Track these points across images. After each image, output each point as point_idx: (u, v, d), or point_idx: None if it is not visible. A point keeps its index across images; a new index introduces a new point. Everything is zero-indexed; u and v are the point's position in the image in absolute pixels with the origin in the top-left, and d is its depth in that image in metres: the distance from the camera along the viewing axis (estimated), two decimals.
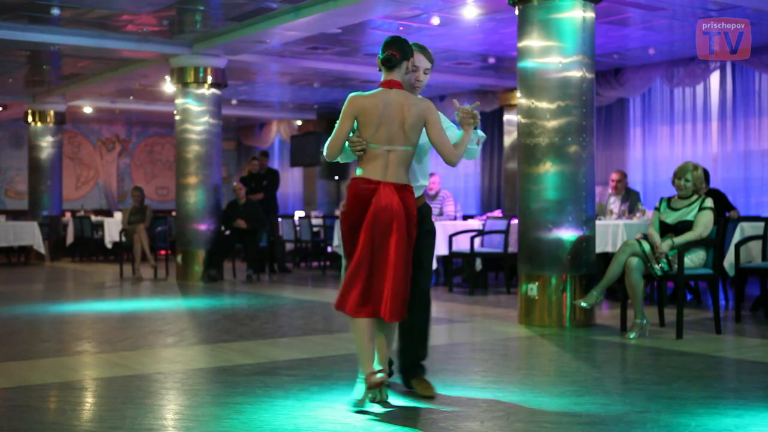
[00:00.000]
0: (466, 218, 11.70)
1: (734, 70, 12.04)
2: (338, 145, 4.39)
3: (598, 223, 8.34)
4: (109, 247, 15.51)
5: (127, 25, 10.81)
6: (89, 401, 4.67)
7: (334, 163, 17.63)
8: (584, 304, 6.82)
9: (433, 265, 4.82)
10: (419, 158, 4.61)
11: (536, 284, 7.25)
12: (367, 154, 4.32)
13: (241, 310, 8.69)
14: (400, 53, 4.39)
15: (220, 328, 7.42)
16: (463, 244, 10.03)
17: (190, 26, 10.90)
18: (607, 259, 8.04)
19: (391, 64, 4.38)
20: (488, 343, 6.59)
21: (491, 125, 15.43)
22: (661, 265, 6.59)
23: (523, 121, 7.42)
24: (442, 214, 10.91)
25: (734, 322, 7.49)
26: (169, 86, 13.59)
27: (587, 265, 7.29)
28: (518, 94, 7.53)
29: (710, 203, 6.72)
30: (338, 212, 13.32)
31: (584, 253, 7.27)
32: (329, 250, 13.51)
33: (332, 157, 4.47)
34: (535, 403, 4.46)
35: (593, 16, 7.37)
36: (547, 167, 7.22)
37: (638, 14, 9.96)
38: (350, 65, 13.18)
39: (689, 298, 9.09)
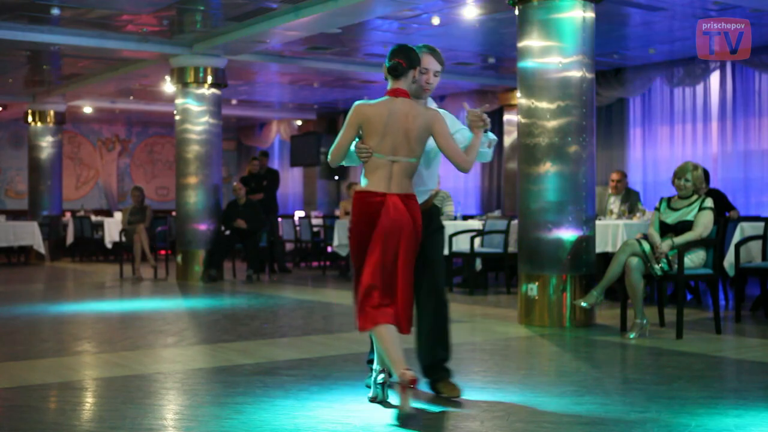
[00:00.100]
0: (466, 218, 11.69)
1: (734, 70, 12.03)
2: (341, 153, 4.37)
3: (598, 223, 8.34)
4: (109, 247, 15.52)
5: (127, 25, 10.81)
6: (89, 401, 4.67)
7: None
8: (584, 304, 6.82)
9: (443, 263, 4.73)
10: (428, 163, 4.56)
11: (536, 284, 7.25)
12: (371, 163, 4.28)
13: (241, 310, 8.69)
14: (406, 62, 4.33)
15: (220, 328, 7.42)
16: (463, 244, 10.04)
17: (190, 26, 10.90)
18: (607, 259, 8.04)
19: (397, 72, 4.32)
20: (488, 343, 6.59)
21: (491, 125, 15.38)
22: (661, 265, 6.59)
23: (523, 121, 7.42)
24: (442, 214, 10.91)
25: (734, 322, 7.49)
26: (169, 86, 13.59)
27: (587, 265, 7.29)
28: (518, 94, 7.53)
29: (710, 203, 6.71)
30: (338, 212, 13.32)
31: (584, 253, 7.27)
32: (329, 250, 13.50)
33: (335, 163, 4.44)
34: (535, 403, 4.46)
35: (593, 16, 7.37)
36: (547, 167, 7.22)
37: (638, 14, 9.96)
38: (350, 65, 13.18)
39: (689, 298, 9.09)
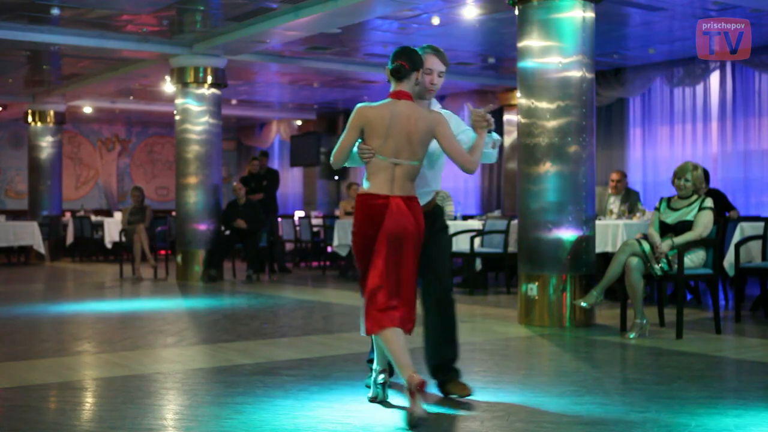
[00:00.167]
0: (465, 218, 11.70)
1: (734, 70, 12.03)
2: (343, 155, 4.33)
3: (597, 223, 8.34)
4: (109, 247, 15.52)
5: (127, 25, 10.81)
6: (89, 401, 4.67)
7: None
8: (584, 304, 6.82)
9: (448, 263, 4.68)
10: (431, 165, 4.52)
11: (536, 284, 7.25)
12: (373, 165, 4.24)
13: (240, 310, 8.69)
14: (409, 64, 4.28)
15: (219, 328, 7.42)
16: (463, 244, 10.04)
17: (190, 26, 10.90)
18: (606, 259, 8.04)
19: (400, 74, 4.28)
20: (488, 343, 6.59)
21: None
22: (661, 265, 6.59)
23: (523, 121, 7.42)
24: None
25: (734, 322, 7.49)
26: (169, 86, 13.59)
27: (587, 265, 7.29)
28: (518, 94, 7.53)
29: (710, 203, 6.71)
30: (338, 212, 13.31)
31: (584, 253, 7.27)
32: (329, 250, 13.50)
33: (337, 165, 4.39)
34: (534, 403, 4.46)
35: (593, 16, 7.37)
36: (547, 167, 7.22)
37: (638, 14, 9.96)
38: (350, 65, 13.19)
39: (689, 298, 9.09)
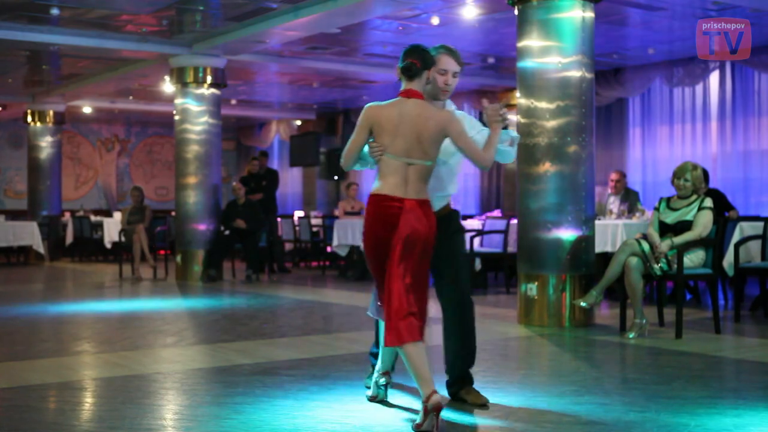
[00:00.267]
0: (465, 218, 11.70)
1: (734, 70, 12.04)
2: (353, 156, 4.22)
3: (597, 223, 8.34)
4: (108, 247, 15.52)
5: (126, 25, 10.82)
6: (88, 401, 4.68)
7: (333, 162, 17.66)
8: (583, 303, 6.82)
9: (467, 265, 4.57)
10: (445, 165, 4.37)
11: (535, 284, 7.26)
12: (385, 165, 4.09)
13: (240, 310, 8.69)
14: (421, 62, 4.16)
15: (219, 328, 7.42)
16: None
17: (189, 26, 10.90)
18: (606, 258, 8.04)
19: (411, 73, 4.15)
20: (488, 343, 6.59)
21: None
22: (660, 264, 6.59)
23: (522, 121, 7.42)
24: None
25: (733, 321, 7.49)
26: (168, 86, 13.59)
27: (586, 264, 7.29)
28: (518, 94, 7.53)
29: (709, 203, 6.72)
30: (337, 212, 13.31)
31: (583, 252, 7.27)
32: (328, 249, 13.50)
33: (348, 166, 4.29)
34: (534, 403, 4.47)
35: (593, 15, 7.37)
36: (546, 167, 7.22)
37: (638, 14, 9.96)
38: (350, 65, 13.18)
39: (688, 297, 9.09)
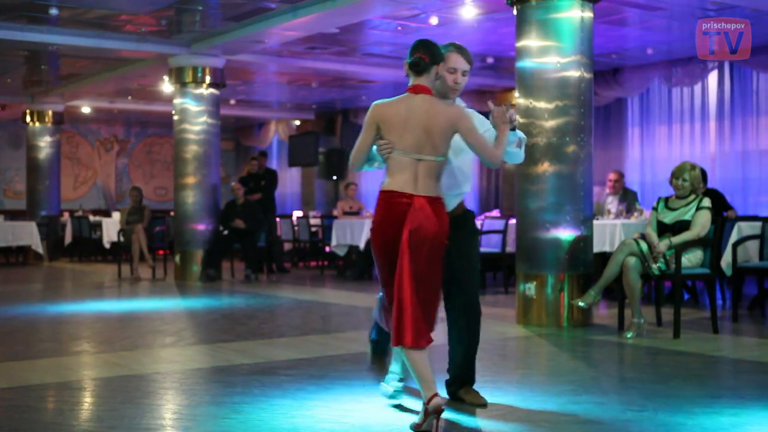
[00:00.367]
0: None
1: (732, 70, 12.04)
2: (361, 156, 4.12)
3: (595, 222, 8.34)
4: (107, 247, 15.52)
5: (125, 25, 10.81)
6: (88, 401, 4.68)
7: (332, 162, 17.66)
8: (582, 303, 6.82)
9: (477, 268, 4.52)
10: (457, 161, 4.27)
11: (534, 284, 7.26)
12: (394, 162, 4.00)
13: (239, 309, 8.69)
14: (429, 57, 4.05)
15: (218, 327, 7.42)
16: None
17: (188, 26, 10.90)
18: (604, 258, 8.04)
19: (419, 68, 4.05)
20: (486, 342, 6.57)
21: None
22: (658, 264, 6.60)
23: (521, 120, 7.42)
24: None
25: (731, 321, 7.49)
26: (167, 86, 13.58)
27: (585, 264, 7.29)
28: (516, 93, 7.53)
29: (708, 203, 6.72)
30: (336, 212, 13.31)
31: (582, 252, 7.28)
32: (327, 249, 13.50)
33: (357, 167, 4.20)
34: (532, 402, 4.47)
35: (591, 15, 7.37)
36: (545, 167, 7.22)
37: (636, 14, 9.96)
38: (348, 65, 13.18)
39: (686, 297, 9.10)
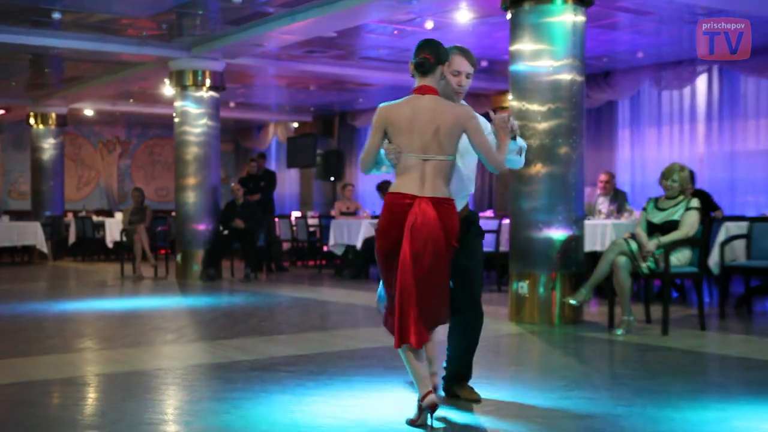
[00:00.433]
0: None
1: (720, 73, 12.07)
2: (369, 159, 4.04)
3: (587, 222, 8.37)
4: (110, 246, 15.50)
5: (127, 29, 10.82)
6: (91, 397, 4.70)
7: (329, 163, 17.63)
8: (573, 301, 6.85)
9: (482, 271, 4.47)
10: (463, 162, 4.22)
11: (527, 282, 7.28)
12: (402, 164, 3.91)
13: (239, 308, 8.70)
14: (434, 57, 3.97)
15: (218, 325, 7.44)
16: None
17: (188, 30, 10.91)
18: (595, 257, 8.06)
19: (424, 68, 3.97)
20: (480, 340, 6.60)
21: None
22: (648, 263, 6.63)
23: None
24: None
25: (718, 318, 7.52)
26: (168, 89, 13.58)
27: (576, 263, 7.32)
28: (510, 96, 7.55)
29: (696, 203, 6.75)
30: (333, 212, 13.31)
31: (573, 252, 7.30)
32: (325, 249, 13.51)
33: (366, 170, 4.11)
34: (525, 398, 4.49)
35: (583, 20, 7.39)
36: (537, 168, 7.24)
37: (627, 18, 9.98)
38: (346, 68, 13.19)
39: (675, 295, 9.12)
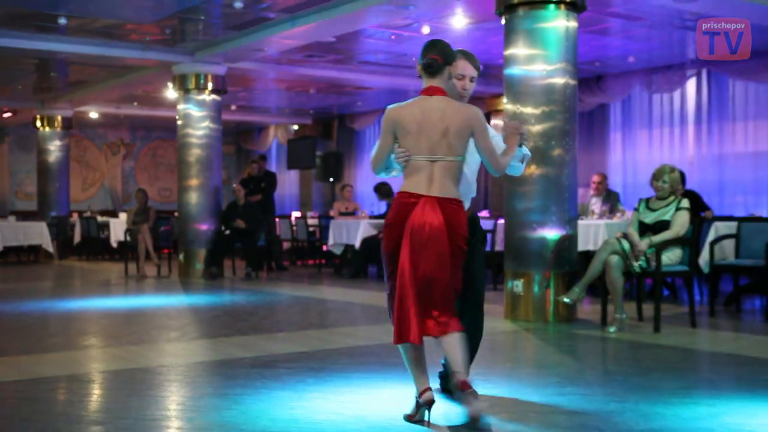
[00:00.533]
0: None
1: (709, 77, 12.08)
2: (379, 161, 3.95)
3: (580, 222, 8.36)
4: (114, 246, 15.49)
5: (131, 34, 10.81)
6: (96, 393, 4.68)
7: (329, 165, 17.60)
8: (567, 299, 6.84)
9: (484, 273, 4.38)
10: (470, 165, 4.15)
11: (521, 281, 7.27)
12: (411, 165, 3.84)
13: (240, 306, 8.69)
14: (442, 58, 3.88)
15: (220, 323, 7.42)
16: None
17: (191, 35, 10.90)
18: (588, 257, 8.06)
19: (432, 69, 3.88)
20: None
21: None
22: (639, 262, 6.62)
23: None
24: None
25: (708, 316, 7.52)
26: (171, 92, 13.57)
27: (570, 262, 7.31)
28: (504, 99, 7.55)
29: (686, 204, 6.75)
30: (332, 212, 13.30)
31: (567, 251, 7.29)
32: (324, 248, 13.50)
33: (376, 172, 4.03)
34: (520, 394, 4.48)
35: (576, 25, 7.39)
36: (531, 170, 7.24)
37: (618, 24, 9.99)
38: (344, 72, 13.19)
39: (666, 293, 9.12)
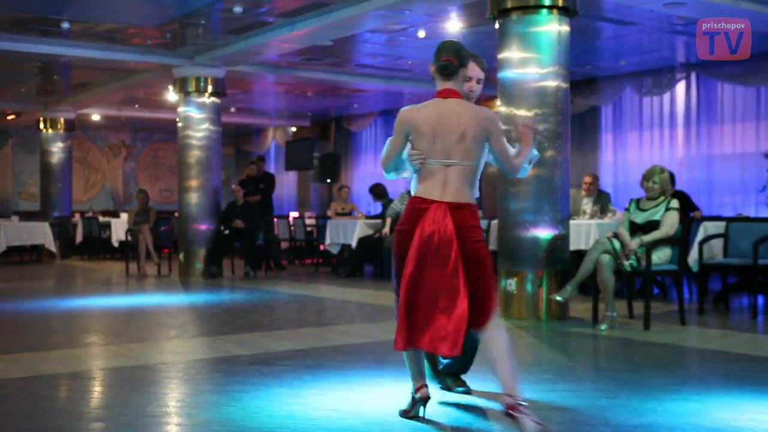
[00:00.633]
0: None
1: (698, 80, 12.10)
2: (389, 162, 3.80)
3: (572, 222, 8.36)
4: (115, 245, 15.48)
5: (132, 38, 10.80)
6: (97, 390, 4.67)
7: (326, 166, 17.57)
8: (559, 298, 6.84)
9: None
10: (478, 166, 3.94)
11: (515, 280, 7.27)
12: (425, 169, 3.69)
13: (239, 304, 8.68)
14: (457, 59, 3.71)
15: (219, 321, 7.41)
16: None
17: (191, 39, 10.89)
18: (580, 256, 8.04)
19: (448, 71, 3.71)
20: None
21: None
22: (630, 261, 6.62)
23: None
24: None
25: (697, 314, 7.53)
26: (171, 95, 13.56)
27: (562, 261, 7.31)
28: (498, 102, 7.54)
29: (676, 204, 6.75)
30: (329, 212, 13.29)
31: (559, 250, 7.29)
32: (322, 248, 13.49)
33: (386, 171, 3.88)
34: None
35: (568, 29, 7.39)
36: None
37: (609, 28, 10.00)
38: (342, 75, 13.19)
39: (656, 292, 9.12)
